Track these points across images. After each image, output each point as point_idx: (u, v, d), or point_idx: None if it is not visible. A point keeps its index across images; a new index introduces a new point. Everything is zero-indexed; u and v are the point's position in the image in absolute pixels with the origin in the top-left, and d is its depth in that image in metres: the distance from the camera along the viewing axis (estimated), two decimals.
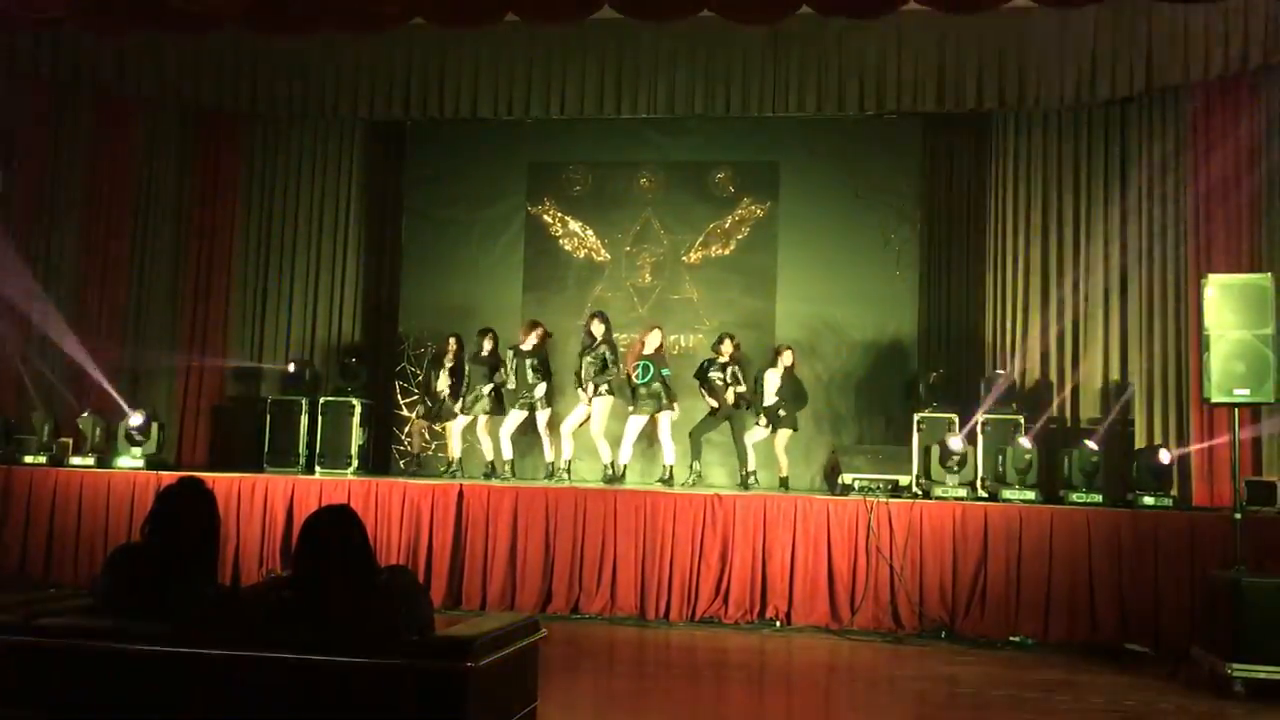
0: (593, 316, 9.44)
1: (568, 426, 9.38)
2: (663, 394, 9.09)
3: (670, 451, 9.13)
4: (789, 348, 9.45)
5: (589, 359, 9.21)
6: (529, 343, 9.44)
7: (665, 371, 9.19)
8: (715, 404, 9.25)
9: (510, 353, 9.45)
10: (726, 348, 9.33)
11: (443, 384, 9.78)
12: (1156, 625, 7.21)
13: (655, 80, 9.66)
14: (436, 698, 3.12)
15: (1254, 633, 5.80)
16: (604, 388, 9.17)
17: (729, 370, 9.25)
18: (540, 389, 9.34)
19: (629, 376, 9.18)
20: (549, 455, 9.53)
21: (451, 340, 9.92)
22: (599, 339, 9.24)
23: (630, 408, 9.21)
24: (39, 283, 9.60)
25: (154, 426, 9.22)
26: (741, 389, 9.24)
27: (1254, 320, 6.42)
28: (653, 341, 9.24)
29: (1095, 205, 9.35)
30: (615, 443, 9.25)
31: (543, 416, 9.45)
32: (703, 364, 9.47)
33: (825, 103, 9.53)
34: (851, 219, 10.56)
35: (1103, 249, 9.29)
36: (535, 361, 9.38)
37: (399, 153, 11.36)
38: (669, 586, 7.81)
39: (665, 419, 9.14)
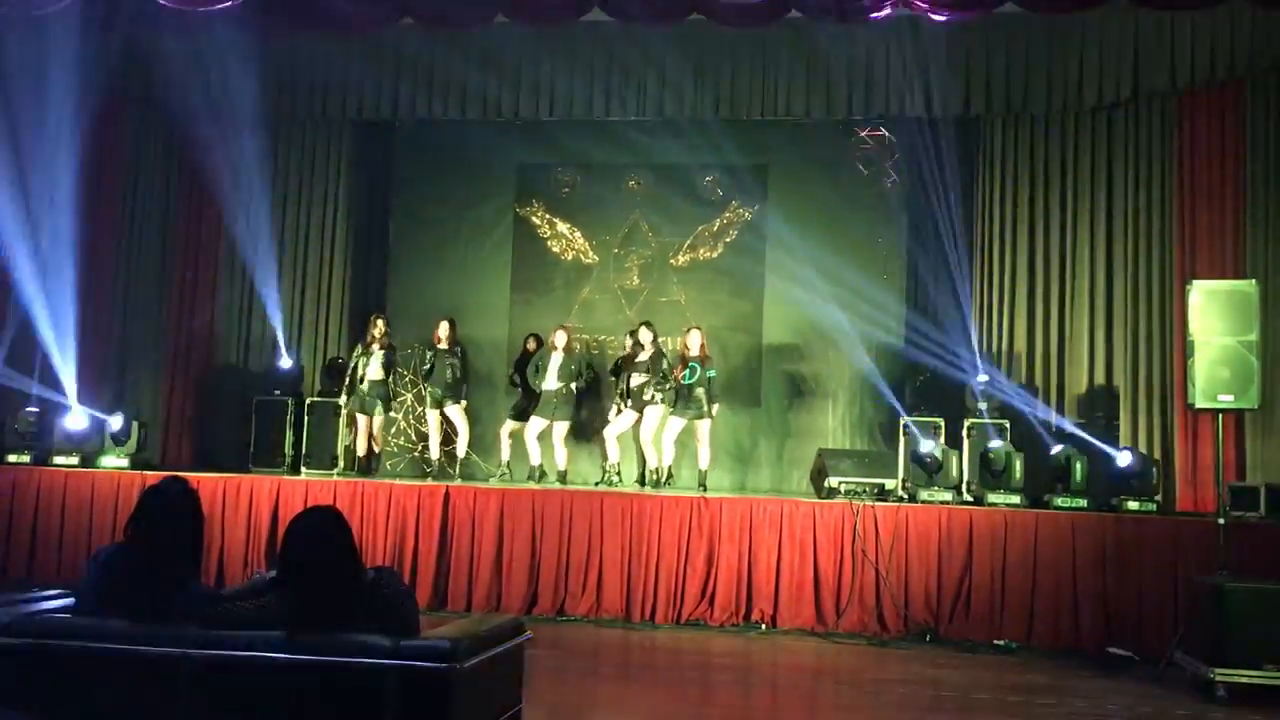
0: (642, 325, 9.21)
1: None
2: (705, 398, 8.75)
3: (706, 456, 8.88)
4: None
5: (645, 369, 8.91)
6: (445, 341, 9.37)
7: (711, 373, 8.84)
8: (634, 411, 8.89)
9: (429, 352, 9.41)
10: (646, 336, 9.03)
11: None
12: (1140, 630, 7.22)
13: (644, 83, 9.67)
14: (421, 699, 3.11)
15: (1237, 637, 5.83)
16: (659, 396, 8.85)
17: (661, 367, 8.89)
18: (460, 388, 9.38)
19: (676, 379, 8.83)
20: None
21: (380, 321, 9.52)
22: (647, 346, 9.05)
23: (670, 411, 8.85)
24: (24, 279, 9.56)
25: (136, 426, 9.17)
26: (669, 386, 8.81)
27: (1239, 326, 6.47)
28: (694, 342, 8.88)
29: (1081, 211, 9.39)
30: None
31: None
32: (617, 361, 9.14)
33: (814, 106, 9.56)
34: (839, 222, 10.57)
35: (1089, 254, 9.33)
36: (454, 360, 9.34)
37: (387, 153, 11.32)
38: (655, 588, 7.81)
39: (706, 425, 8.83)
